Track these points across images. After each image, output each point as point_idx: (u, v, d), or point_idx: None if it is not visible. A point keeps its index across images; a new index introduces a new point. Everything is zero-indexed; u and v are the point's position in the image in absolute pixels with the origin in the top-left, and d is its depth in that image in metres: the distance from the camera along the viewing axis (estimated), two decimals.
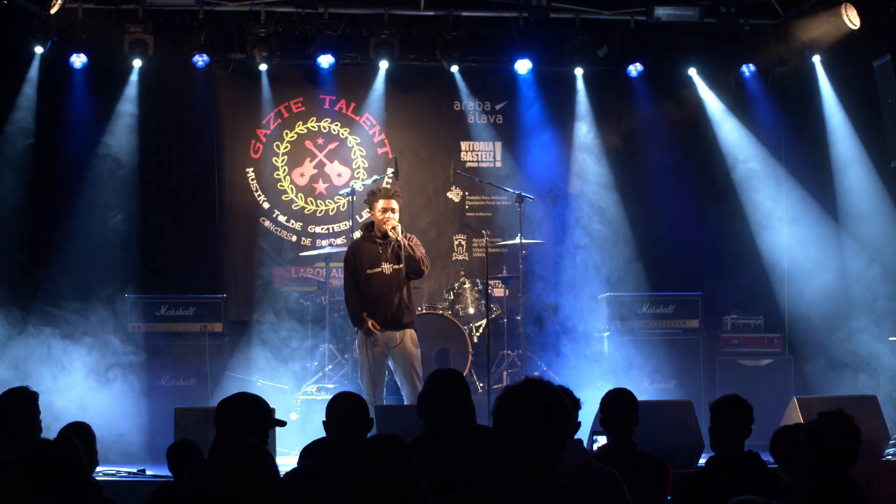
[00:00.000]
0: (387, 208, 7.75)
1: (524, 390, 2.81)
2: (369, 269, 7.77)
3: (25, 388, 4.91)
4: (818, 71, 10.01)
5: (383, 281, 7.75)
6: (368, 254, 7.80)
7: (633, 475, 4.47)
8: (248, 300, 10.44)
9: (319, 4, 9.95)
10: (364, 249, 7.84)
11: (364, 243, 7.89)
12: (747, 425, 4.64)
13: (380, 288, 7.75)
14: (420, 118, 10.86)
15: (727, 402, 4.71)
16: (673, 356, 9.33)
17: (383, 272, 7.76)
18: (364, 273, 7.78)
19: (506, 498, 2.76)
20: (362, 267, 7.78)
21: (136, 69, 9.97)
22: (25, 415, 4.77)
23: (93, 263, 9.74)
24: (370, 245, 7.83)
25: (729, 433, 4.62)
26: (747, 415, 4.65)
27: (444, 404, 4.45)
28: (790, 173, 10.41)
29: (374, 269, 7.77)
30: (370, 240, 7.86)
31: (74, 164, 9.93)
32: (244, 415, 4.13)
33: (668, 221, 10.47)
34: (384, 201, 7.77)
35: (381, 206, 7.77)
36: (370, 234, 7.89)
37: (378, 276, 7.76)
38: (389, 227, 7.72)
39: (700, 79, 10.51)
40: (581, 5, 10.19)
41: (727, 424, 4.63)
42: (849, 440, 3.94)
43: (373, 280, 7.76)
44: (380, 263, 7.77)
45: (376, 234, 7.83)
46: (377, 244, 7.80)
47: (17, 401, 4.81)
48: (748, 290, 10.02)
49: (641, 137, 10.73)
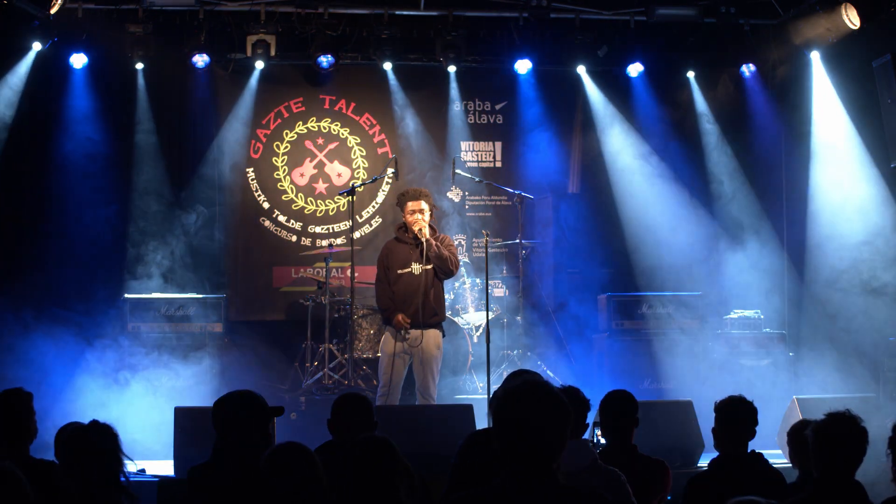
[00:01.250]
0: (415, 210, 7.98)
1: (522, 390, 2.81)
2: (399, 269, 8.05)
3: (20, 389, 4.88)
4: (820, 70, 10.00)
5: (412, 281, 7.99)
6: (400, 254, 8.07)
7: (634, 476, 4.47)
8: (248, 300, 10.45)
9: (319, 4, 9.95)
10: (396, 250, 8.12)
11: (396, 244, 8.16)
12: (752, 427, 4.63)
13: (408, 288, 7.99)
14: (420, 118, 10.86)
15: (732, 403, 4.69)
16: (673, 356, 9.33)
17: (413, 272, 8.02)
18: (395, 273, 8.06)
19: (505, 498, 2.76)
20: (393, 267, 8.06)
21: (137, 69, 9.98)
22: (20, 416, 4.74)
23: (92, 263, 9.75)
24: (401, 246, 8.10)
25: (733, 434, 4.61)
26: (752, 416, 4.65)
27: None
28: (789, 173, 10.40)
29: (405, 270, 8.04)
30: (402, 241, 8.11)
31: (74, 163, 9.92)
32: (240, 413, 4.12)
33: (668, 221, 10.47)
34: (412, 203, 8.02)
35: (411, 208, 8.00)
36: (403, 234, 8.12)
37: (408, 276, 8.02)
38: (417, 228, 7.95)
39: (697, 81, 10.52)
40: (581, 5, 10.18)
41: (732, 425, 4.62)
42: (856, 441, 3.94)
43: (402, 280, 8.03)
44: (409, 264, 8.04)
45: (408, 236, 8.06)
46: (407, 245, 8.06)
47: (11, 402, 4.78)
48: (748, 290, 10.01)
49: (641, 137, 10.73)
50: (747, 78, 10.49)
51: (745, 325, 9.60)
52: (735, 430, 4.61)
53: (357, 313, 9.47)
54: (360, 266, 10.05)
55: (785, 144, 10.53)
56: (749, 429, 4.62)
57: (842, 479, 3.85)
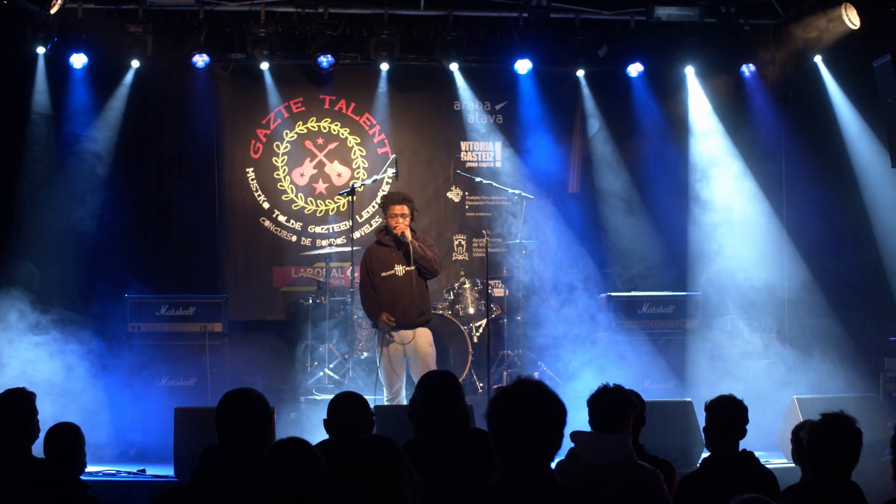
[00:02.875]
0: (397, 213, 8.09)
1: (517, 390, 2.81)
2: (383, 272, 8.15)
3: (22, 388, 4.90)
4: (822, 71, 10.00)
5: (397, 283, 8.10)
6: (381, 258, 8.18)
7: None
8: (249, 300, 10.45)
9: (319, 4, 9.95)
10: (377, 254, 8.22)
11: (377, 248, 8.27)
12: (742, 425, 4.64)
13: (393, 290, 8.10)
14: (420, 118, 10.87)
15: (722, 401, 4.71)
16: (673, 356, 9.34)
17: (396, 274, 8.13)
18: (378, 276, 8.16)
19: (502, 497, 2.77)
20: (376, 271, 8.17)
21: (134, 69, 9.98)
22: (23, 416, 4.76)
23: (93, 263, 9.74)
24: (383, 249, 8.21)
25: (724, 433, 4.62)
26: (742, 415, 4.65)
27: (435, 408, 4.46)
28: (789, 173, 10.40)
29: (388, 272, 8.14)
30: (383, 244, 8.21)
31: (74, 162, 9.92)
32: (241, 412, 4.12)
33: (668, 221, 10.48)
34: (395, 206, 8.13)
35: (393, 212, 8.12)
36: (383, 237, 8.22)
37: (392, 279, 8.13)
38: (399, 231, 8.06)
39: (697, 80, 10.52)
40: (581, 5, 10.18)
41: (722, 424, 4.63)
42: (851, 441, 3.94)
43: (386, 283, 8.13)
44: (392, 266, 8.14)
45: (388, 239, 8.16)
46: (389, 248, 8.17)
47: (13, 402, 4.79)
48: (748, 290, 10.01)
49: (641, 137, 10.73)
50: (747, 78, 10.48)
51: (745, 325, 9.60)
52: (725, 429, 4.63)
53: (357, 313, 9.48)
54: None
55: (785, 144, 10.52)
56: (739, 428, 4.63)
57: (838, 480, 3.85)
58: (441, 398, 4.49)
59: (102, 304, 9.30)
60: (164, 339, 9.14)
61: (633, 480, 4.19)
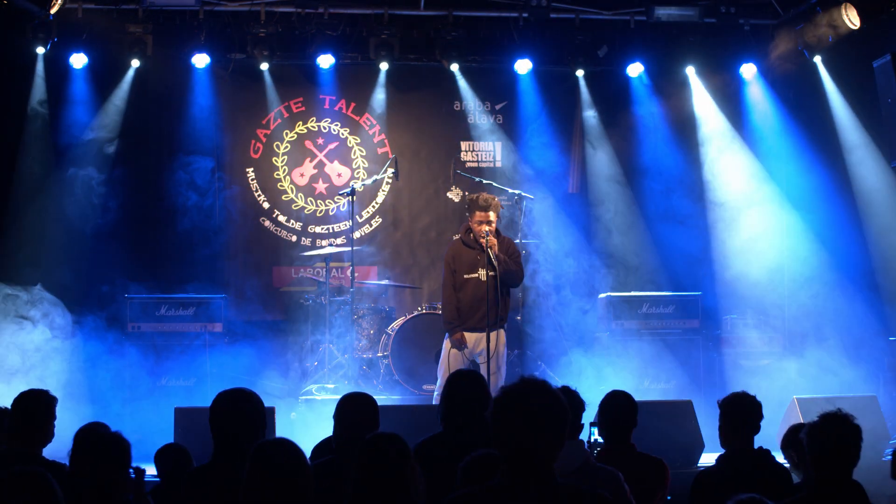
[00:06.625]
0: (482, 220, 7.86)
1: (520, 390, 2.81)
2: (466, 273, 8.02)
3: (45, 391, 4.83)
4: (821, 70, 10.00)
5: (479, 286, 7.93)
6: (467, 259, 8.03)
7: (633, 475, 4.47)
8: (249, 300, 10.44)
9: (319, 4, 9.95)
10: (462, 253, 8.06)
11: (462, 248, 8.09)
12: (756, 421, 4.70)
13: (475, 293, 7.95)
14: (420, 118, 10.87)
15: (736, 399, 4.77)
16: (673, 356, 9.33)
17: (479, 278, 7.96)
18: (461, 277, 8.02)
19: (504, 497, 2.76)
20: (460, 271, 8.03)
21: (134, 69, 9.98)
22: (39, 416, 4.70)
23: (93, 263, 9.74)
24: (468, 251, 8.04)
25: (738, 430, 4.68)
26: (756, 411, 4.72)
27: (459, 405, 4.53)
28: (789, 172, 10.40)
29: (472, 275, 8.01)
30: (468, 244, 8.04)
31: (73, 163, 9.92)
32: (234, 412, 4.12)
33: (668, 221, 10.47)
34: (481, 213, 7.89)
35: (479, 218, 7.89)
36: (468, 238, 8.05)
37: (475, 282, 7.98)
38: (485, 242, 7.81)
39: (698, 79, 10.52)
40: (581, 5, 10.19)
41: (737, 421, 4.68)
42: (849, 440, 3.94)
43: (468, 285, 8.00)
44: (476, 269, 8.00)
45: (472, 240, 8.00)
46: (474, 250, 8.01)
47: (31, 404, 4.74)
48: (748, 289, 10.01)
49: (641, 137, 10.73)
50: (747, 78, 10.48)
51: (745, 325, 9.60)
52: (740, 426, 4.67)
53: (357, 313, 9.47)
54: (360, 266, 10.07)
55: (785, 144, 10.52)
56: (753, 424, 4.68)
57: (839, 479, 3.85)
58: (467, 397, 4.59)
59: (102, 304, 9.29)
60: (164, 339, 9.15)
61: (595, 485, 4.17)
